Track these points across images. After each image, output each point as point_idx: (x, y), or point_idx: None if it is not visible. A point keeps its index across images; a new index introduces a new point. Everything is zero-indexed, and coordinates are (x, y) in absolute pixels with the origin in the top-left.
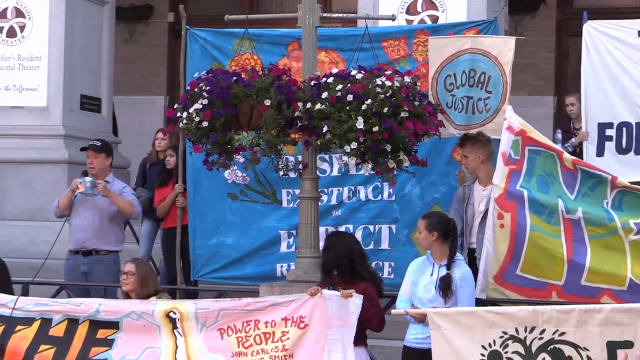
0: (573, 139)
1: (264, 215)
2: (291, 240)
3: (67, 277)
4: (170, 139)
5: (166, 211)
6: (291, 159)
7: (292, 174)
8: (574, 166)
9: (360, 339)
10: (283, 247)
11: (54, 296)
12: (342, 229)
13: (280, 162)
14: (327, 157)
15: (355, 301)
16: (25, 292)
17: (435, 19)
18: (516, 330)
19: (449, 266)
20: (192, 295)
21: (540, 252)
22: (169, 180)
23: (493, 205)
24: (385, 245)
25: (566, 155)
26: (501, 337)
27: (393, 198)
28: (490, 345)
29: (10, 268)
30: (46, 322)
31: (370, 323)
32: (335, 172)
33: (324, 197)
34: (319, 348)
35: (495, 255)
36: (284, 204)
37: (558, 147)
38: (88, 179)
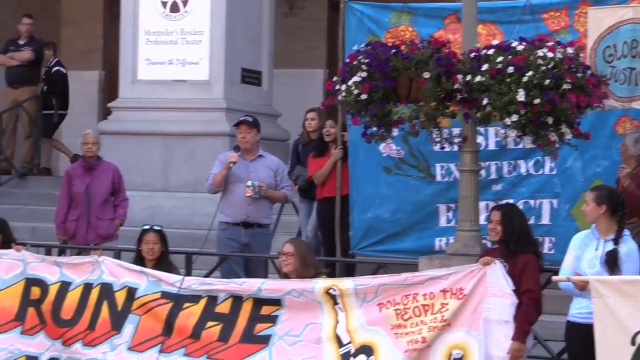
0: None
1: (419, 189)
2: (450, 214)
3: (223, 248)
4: (319, 117)
5: (324, 178)
6: (444, 130)
7: (448, 147)
8: None
9: None
10: (442, 222)
11: (216, 267)
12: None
13: (438, 135)
14: (482, 130)
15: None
16: (189, 263)
17: None
18: None
19: (616, 241)
20: (350, 267)
21: None
22: (326, 151)
23: None
24: (545, 220)
25: None
26: None
27: (554, 172)
28: None
29: (175, 238)
30: (212, 300)
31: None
32: (492, 146)
33: (482, 172)
34: (476, 316)
35: None
36: (438, 178)
37: None
38: (255, 183)
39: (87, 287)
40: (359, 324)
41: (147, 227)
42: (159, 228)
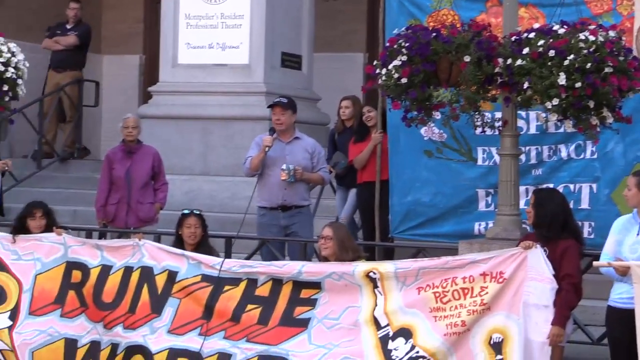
0: None
1: (459, 173)
2: (489, 198)
3: (263, 234)
4: (353, 106)
5: (364, 162)
6: (488, 115)
7: (490, 131)
8: None
9: None
10: (481, 206)
11: (256, 251)
12: None
13: (479, 119)
14: (523, 114)
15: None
16: (228, 247)
17: None
18: None
19: None
20: (389, 251)
21: None
22: (367, 135)
23: None
24: (585, 204)
25: None
26: None
27: (595, 156)
28: None
29: (215, 222)
30: (252, 283)
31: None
32: (532, 130)
33: (522, 157)
34: (516, 300)
35: None
36: (479, 162)
37: None
38: (290, 167)
39: (128, 271)
40: (398, 307)
41: (187, 211)
42: (199, 212)
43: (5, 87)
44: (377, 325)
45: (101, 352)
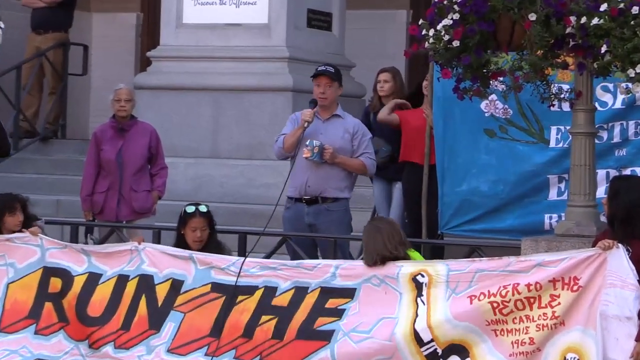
0: None
1: (526, 156)
2: (562, 185)
3: (287, 230)
4: (394, 79)
5: (391, 118)
6: (566, 87)
7: (564, 106)
8: None
9: None
10: (552, 195)
11: (276, 249)
12: (626, 172)
13: (547, 90)
14: (610, 86)
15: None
16: (242, 243)
17: None
18: None
19: None
20: (437, 251)
21: None
22: (419, 104)
23: None
24: None
25: None
26: None
27: None
28: None
29: (226, 215)
30: (270, 291)
31: None
32: (618, 105)
33: (604, 134)
34: (593, 310)
35: None
36: (552, 144)
37: None
38: (316, 143)
39: (122, 280)
40: (445, 318)
41: (191, 209)
42: (205, 209)
43: None
44: (419, 341)
45: None
